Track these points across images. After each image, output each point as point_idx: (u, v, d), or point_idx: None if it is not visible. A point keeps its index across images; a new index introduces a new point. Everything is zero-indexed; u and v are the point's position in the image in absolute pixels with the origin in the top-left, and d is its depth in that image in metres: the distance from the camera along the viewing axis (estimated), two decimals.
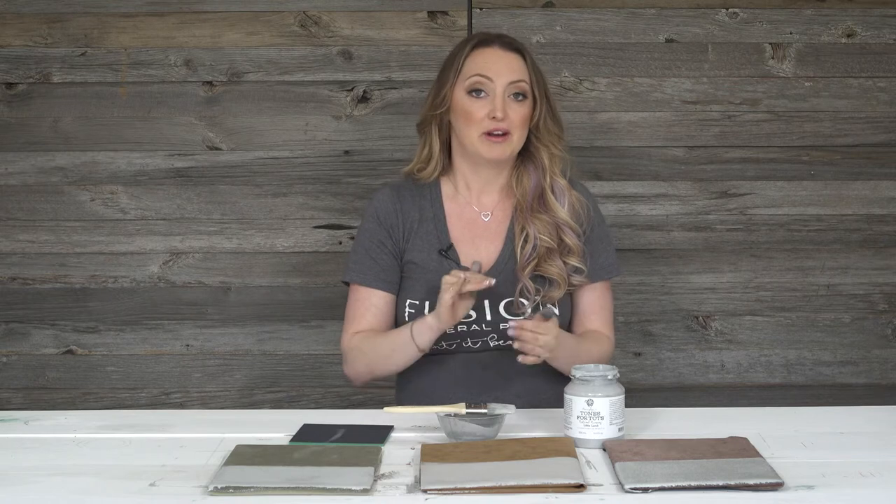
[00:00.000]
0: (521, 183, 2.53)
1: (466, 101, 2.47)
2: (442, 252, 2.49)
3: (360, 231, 2.57)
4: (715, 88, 3.15)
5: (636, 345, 3.20)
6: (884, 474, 1.94)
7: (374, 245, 2.52)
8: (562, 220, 2.49)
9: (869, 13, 3.14)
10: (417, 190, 2.56)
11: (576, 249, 2.50)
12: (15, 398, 3.18)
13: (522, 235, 2.49)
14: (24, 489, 1.90)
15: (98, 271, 3.16)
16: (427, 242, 2.51)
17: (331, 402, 3.18)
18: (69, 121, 3.14)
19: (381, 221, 2.53)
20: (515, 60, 2.49)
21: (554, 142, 2.52)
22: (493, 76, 2.46)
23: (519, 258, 2.47)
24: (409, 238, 2.52)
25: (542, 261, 2.47)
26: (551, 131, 2.52)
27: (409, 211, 2.53)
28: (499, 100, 2.45)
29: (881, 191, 3.18)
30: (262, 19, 3.13)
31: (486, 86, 2.46)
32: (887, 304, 3.20)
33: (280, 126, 3.14)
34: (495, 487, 1.85)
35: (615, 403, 2.10)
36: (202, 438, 2.17)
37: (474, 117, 2.45)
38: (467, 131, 2.47)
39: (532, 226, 2.48)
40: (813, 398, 3.19)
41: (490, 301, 2.46)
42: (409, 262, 2.51)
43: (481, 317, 2.46)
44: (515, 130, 2.47)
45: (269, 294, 3.17)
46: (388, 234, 2.52)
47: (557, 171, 2.52)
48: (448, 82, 2.50)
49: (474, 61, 2.49)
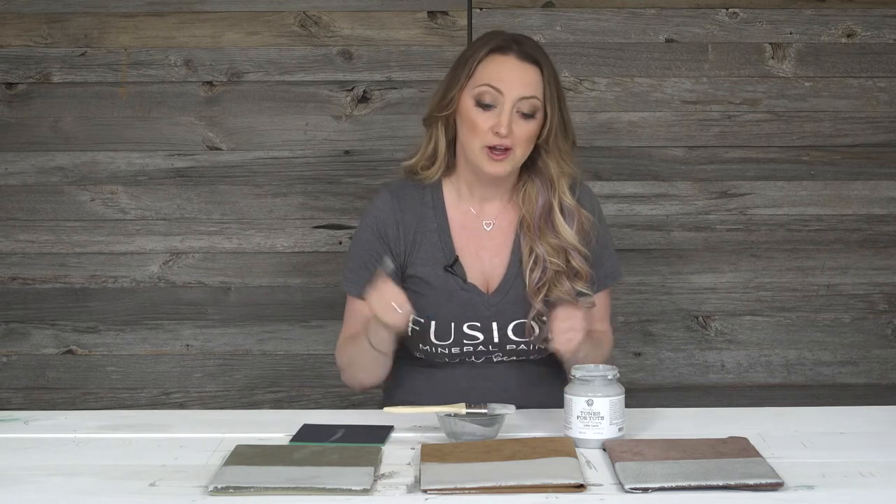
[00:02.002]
0: (529, 198, 2.43)
1: (473, 111, 2.35)
2: (448, 268, 2.42)
3: (357, 239, 2.49)
4: (715, 88, 3.15)
5: (636, 345, 3.20)
6: (884, 474, 1.94)
7: (372, 257, 2.43)
8: (570, 245, 2.40)
9: (869, 13, 3.14)
10: (418, 194, 2.46)
11: (583, 274, 2.41)
12: (15, 398, 3.18)
13: (532, 258, 2.40)
14: (24, 489, 1.90)
15: (98, 271, 3.16)
16: (432, 256, 2.43)
17: (331, 402, 3.18)
18: (69, 121, 3.14)
19: (379, 234, 2.44)
20: (530, 73, 2.35)
21: (564, 157, 2.41)
22: (504, 89, 2.33)
23: (528, 282, 2.40)
24: (411, 251, 2.43)
25: (550, 284, 2.39)
26: (561, 147, 2.40)
27: (410, 221, 2.44)
28: (505, 116, 2.32)
29: (881, 191, 3.18)
30: (262, 19, 3.13)
31: (494, 98, 2.33)
32: (887, 304, 3.20)
33: (280, 126, 3.14)
34: (495, 487, 1.85)
35: (615, 403, 2.10)
36: (202, 438, 2.17)
37: (478, 129, 2.34)
38: (470, 141, 2.37)
39: (540, 247, 2.39)
40: (813, 398, 3.19)
41: (498, 324, 2.41)
42: (413, 276, 2.43)
43: (489, 339, 2.41)
44: (519, 147, 2.35)
45: (269, 294, 3.17)
46: (387, 248, 2.43)
47: (566, 189, 2.42)
48: (457, 85, 2.38)
49: (487, 69, 2.35)
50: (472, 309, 2.40)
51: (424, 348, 2.41)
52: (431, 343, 2.40)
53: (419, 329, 2.38)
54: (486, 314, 2.40)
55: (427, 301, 2.40)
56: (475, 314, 2.40)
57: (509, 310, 2.40)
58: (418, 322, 2.37)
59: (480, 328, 2.40)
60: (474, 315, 2.40)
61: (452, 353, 2.41)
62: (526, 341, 2.41)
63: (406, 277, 2.43)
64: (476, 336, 2.41)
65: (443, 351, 2.41)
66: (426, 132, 2.47)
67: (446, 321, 2.40)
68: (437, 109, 2.41)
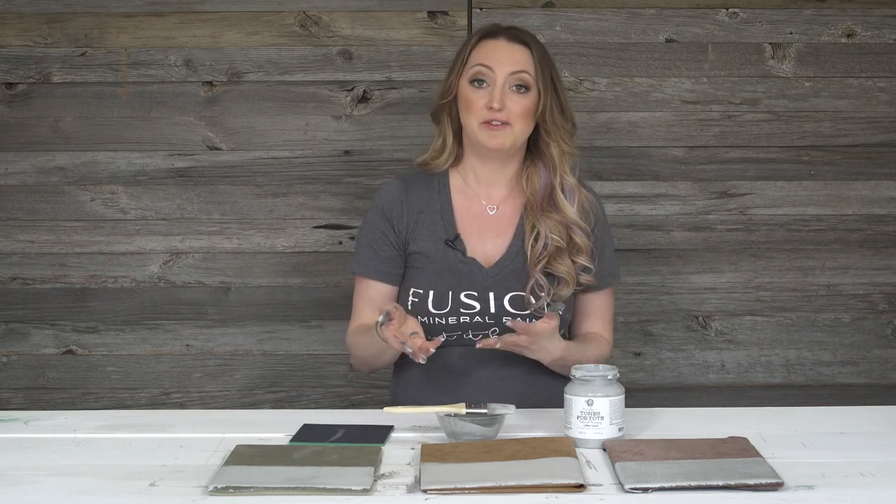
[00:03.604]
0: (532, 181, 2.53)
1: (468, 90, 2.48)
2: (448, 242, 2.49)
3: (364, 222, 2.58)
4: (715, 88, 3.15)
5: (636, 345, 3.20)
6: (884, 474, 1.94)
7: (376, 236, 2.53)
8: (571, 221, 2.49)
9: (869, 13, 3.14)
10: (426, 181, 2.56)
11: (585, 248, 2.50)
12: (15, 398, 3.18)
13: (533, 233, 2.49)
14: (24, 489, 1.90)
15: (98, 271, 3.16)
16: (433, 233, 2.51)
17: (331, 402, 3.18)
18: (69, 121, 3.14)
19: (384, 213, 2.53)
20: (519, 52, 2.49)
21: (564, 137, 2.51)
22: (494, 66, 2.46)
23: (529, 255, 2.47)
24: (413, 228, 2.52)
25: (552, 259, 2.47)
26: (560, 126, 2.50)
27: (415, 202, 2.53)
28: (497, 90, 2.45)
29: (881, 191, 3.18)
30: (262, 19, 3.13)
31: (486, 76, 2.47)
32: (887, 304, 3.20)
33: (280, 126, 3.14)
34: (495, 487, 1.85)
35: (615, 403, 2.10)
36: (202, 438, 2.17)
37: (474, 106, 2.46)
38: (468, 120, 2.48)
39: (543, 224, 2.48)
40: (813, 398, 3.19)
41: (495, 294, 2.46)
42: (414, 252, 2.51)
43: (485, 308, 2.46)
44: (516, 121, 2.46)
45: (269, 294, 3.17)
46: (390, 226, 2.52)
47: (567, 169, 2.52)
48: (454, 72, 2.52)
49: (479, 52, 2.50)
50: (470, 279, 2.47)
51: (422, 320, 2.44)
52: (429, 313, 2.45)
53: (418, 301, 2.46)
54: (484, 284, 2.46)
55: (426, 274, 2.48)
56: (472, 284, 2.47)
57: (507, 281, 2.47)
58: (417, 293, 2.47)
59: (477, 297, 2.46)
60: (471, 285, 2.47)
61: (450, 323, 2.44)
62: (523, 315, 2.43)
63: (408, 255, 2.52)
64: (473, 305, 2.45)
65: (440, 321, 2.44)
66: (436, 128, 2.59)
67: (444, 290, 2.46)
68: (440, 97, 2.55)
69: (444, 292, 2.46)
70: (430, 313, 2.45)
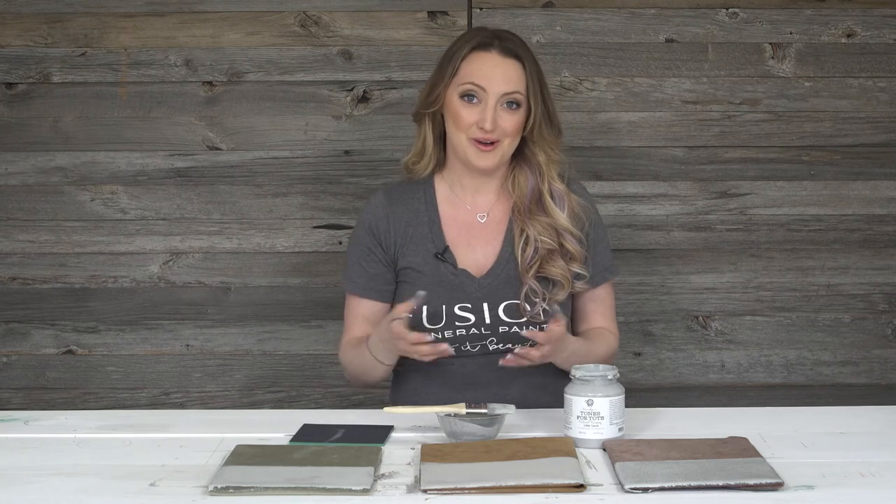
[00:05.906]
0: (518, 184, 2.49)
1: (458, 105, 2.43)
2: (438, 255, 2.47)
3: (352, 239, 2.56)
4: (715, 88, 3.15)
5: (636, 345, 3.20)
6: (884, 474, 1.94)
7: (364, 254, 2.51)
8: (562, 227, 2.46)
9: (869, 13, 3.14)
10: (411, 190, 2.53)
11: (577, 255, 2.47)
12: (15, 398, 3.18)
13: (522, 238, 2.46)
14: (24, 489, 1.90)
15: (98, 271, 3.16)
16: (422, 247, 2.49)
17: (331, 402, 3.18)
18: (69, 121, 3.14)
19: (370, 229, 2.51)
20: (512, 68, 2.44)
21: (551, 146, 2.48)
22: (487, 86, 2.41)
23: (520, 261, 2.45)
24: (402, 244, 2.49)
25: (544, 262, 2.45)
26: (546, 137, 2.47)
27: (402, 215, 2.50)
28: (489, 111, 2.40)
29: (881, 191, 3.18)
30: (262, 19, 3.13)
31: (478, 94, 2.42)
32: (887, 304, 3.20)
33: (280, 126, 3.14)
34: (495, 487, 1.85)
35: (615, 403, 2.10)
36: (202, 438, 2.17)
37: (464, 122, 2.42)
38: (457, 134, 2.44)
39: (531, 227, 2.45)
40: (813, 398, 3.19)
41: (489, 304, 2.45)
42: (405, 267, 2.49)
43: (480, 319, 2.44)
44: (506, 138, 2.43)
45: (269, 294, 3.17)
46: (377, 243, 2.50)
47: (555, 176, 2.49)
48: (442, 82, 2.46)
49: (470, 66, 2.44)
50: (463, 291, 2.45)
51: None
52: (424, 328, 2.42)
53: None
54: (477, 295, 2.44)
55: (418, 289, 2.42)
56: (465, 296, 2.45)
57: (500, 290, 2.45)
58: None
59: (471, 309, 2.44)
60: (465, 297, 2.45)
61: (445, 337, 2.43)
62: (519, 323, 2.43)
63: (399, 270, 2.50)
64: (467, 318, 2.44)
65: (436, 336, 2.41)
66: (416, 128, 2.55)
67: (437, 304, 2.43)
68: (424, 106, 2.50)
69: (438, 307, 2.43)
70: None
